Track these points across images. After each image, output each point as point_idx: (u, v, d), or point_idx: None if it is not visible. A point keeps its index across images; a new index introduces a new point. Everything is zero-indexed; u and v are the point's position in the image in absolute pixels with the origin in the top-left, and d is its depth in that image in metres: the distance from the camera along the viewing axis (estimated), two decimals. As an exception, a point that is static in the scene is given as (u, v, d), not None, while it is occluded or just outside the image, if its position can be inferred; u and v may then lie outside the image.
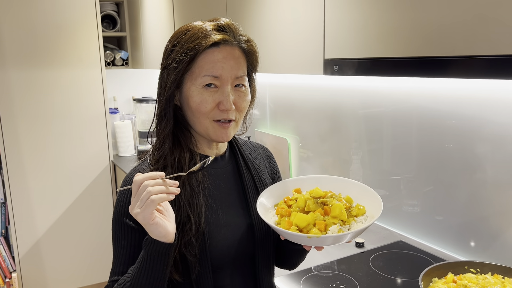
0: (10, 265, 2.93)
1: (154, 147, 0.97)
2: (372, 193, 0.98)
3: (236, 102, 0.92)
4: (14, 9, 2.62)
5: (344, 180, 1.04)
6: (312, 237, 0.84)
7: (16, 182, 2.77)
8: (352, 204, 0.96)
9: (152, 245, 0.81)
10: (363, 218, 0.93)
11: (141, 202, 0.78)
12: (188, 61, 0.89)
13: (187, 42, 0.90)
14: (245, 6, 1.76)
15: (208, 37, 0.89)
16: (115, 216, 0.93)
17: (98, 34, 2.87)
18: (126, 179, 0.95)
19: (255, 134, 2.51)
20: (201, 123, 0.93)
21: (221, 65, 0.90)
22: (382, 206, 0.92)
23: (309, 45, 1.40)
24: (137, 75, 3.46)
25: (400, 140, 1.62)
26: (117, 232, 0.92)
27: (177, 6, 2.44)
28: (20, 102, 2.72)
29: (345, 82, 1.84)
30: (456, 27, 0.92)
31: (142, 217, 0.78)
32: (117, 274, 0.90)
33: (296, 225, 0.88)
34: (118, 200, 0.93)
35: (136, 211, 0.79)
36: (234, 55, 0.92)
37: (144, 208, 0.78)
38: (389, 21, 1.08)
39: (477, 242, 1.40)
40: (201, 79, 0.90)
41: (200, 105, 0.90)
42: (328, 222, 0.89)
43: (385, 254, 1.50)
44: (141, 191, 0.78)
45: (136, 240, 0.90)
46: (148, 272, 0.82)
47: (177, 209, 0.90)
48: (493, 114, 1.30)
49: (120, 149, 3.20)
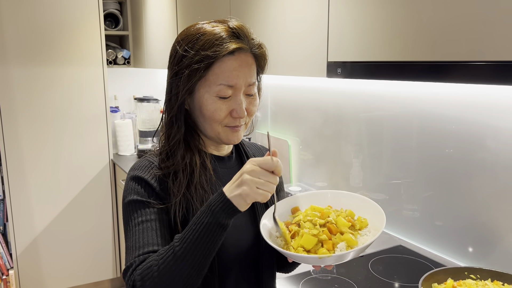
0: (7, 262, 2.92)
1: (162, 150, 0.96)
2: (372, 204, 0.96)
3: (247, 108, 0.93)
4: (17, 6, 2.62)
5: (343, 194, 1.02)
6: (323, 257, 0.82)
7: (16, 179, 2.76)
8: (354, 218, 0.95)
9: (221, 204, 0.79)
10: (367, 231, 0.91)
11: (262, 185, 0.78)
12: (203, 69, 0.88)
13: (202, 49, 0.88)
14: (249, 6, 1.76)
15: (225, 44, 0.88)
16: (126, 200, 0.91)
17: (101, 33, 2.87)
18: (136, 167, 0.94)
19: (255, 136, 2.51)
20: (213, 129, 0.93)
21: (236, 74, 0.89)
22: (384, 217, 0.91)
23: (313, 47, 1.40)
24: (139, 74, 3.46)
25: (401, 144, 1.61)
26: (131, 213, 0.89)
27: (180, 5, 2.44)
28: (21, 99, 2.71)
29: (347, 84, 1.84)
30: (461, 32, 0.92)
31: (248, 190, 0.77)
32: (140, 248, 0.85)
33: (303, 247, 0.87)
34: (127, 185, 0.93)
35: (250, 180, 0.77)
36: (248, 62, 0.92)
37: (257, 192, 0.77)
38: (393, 24, 1.08)
39: (477, 248, 1.40)
40: (217, 87, 0.89)
41: (214, 113, 0.91)
42: (334, 240, 0.88)
43: (385, 259, 1.50)
44: (270, 179, 0.79)
45: (151, 214, 0.88)
46: (210, 235, 0.79)
47: (187, 210, 0.90)
48: (494, 119, 1.30)
49: (120, 148, 3.19)
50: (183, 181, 0.91)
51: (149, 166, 0.94)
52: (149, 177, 0.92)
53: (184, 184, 0.91)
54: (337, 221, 0.91)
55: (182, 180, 0.91)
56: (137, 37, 3.21)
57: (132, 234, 0.87)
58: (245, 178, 0.78)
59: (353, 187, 1.86)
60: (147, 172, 0.93)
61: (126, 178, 0.95)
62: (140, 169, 0.93)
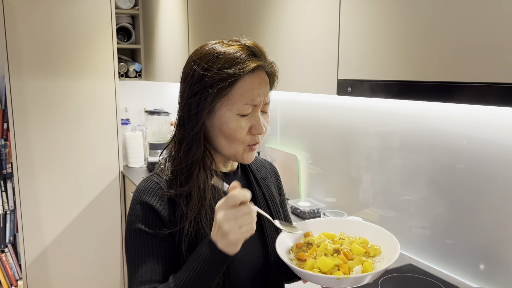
0: (16, 273, 2.94)
1: (175, 169, 0.95)
2: (387, 234, 0.99)
3: (263, 125, 0.94)
4: (32, 21, 2.67)
5: (358, 223, 1.07)
6: (341, 278, 0.83)
7: (27, 190, 2.79)
8: (368, 245, 0.97)
9: (215, 255, 0.81)
10: (381, 258, 0.93)
11: (241, 222, 0.79)
12: (227, 87, 0.88)
13: (224, 68, 0.88)
14: (260, 23, 1.78)
15: (246, 62, 0.89)
16: (131, 226, 0.91)
17: (113, 46, 2.92)
18: (142, 189, 0.93)
19: (265, 150, 2.51)
20: (233, 148, 0.93)
21: (258, 92, 0.91)
22: (398, 247, 0.93)
23: (323, 65, 1.41)
24: (150, 87, 3.50)
25: (411, 160, 1.60)
26: (134, 242, 0.90)
27: (192, 20, 2.47)
28: (34, 111, 2.75)
29: (357, 100, 1.84)
30: (473, 53, 0.92)
31: (234, 237, 0.79)
32: (144, 284, 0.87)
33: (319, 269, 0.88)
34: (133, 209, 0.92)
35: (230, 228, 0.79)
36: (266, 80, 0.94)
37: (242, 232, 0.79)
38: (404, 44, 1.09)
39: (489, 268, 1.37)
40: (241, 106, 0.90)
41: (236, 132, 0.91)
42: (350, 265, 0.89)
43: (394, 278, 1.48)
44: (245, 212, 0.80)
45: (155, 247, 0.89)
46: (204, 278, 0.82)
47: (195, 234, 0.90)
48: (506, 137, 1.29)
49: (130, 160, 3.22)
50: (196, 203, 0.91)
51: (156, 188, 0.93)
52: (156, 203, 0.91)
53: (196, 207, 0.90)
54: (351, 248, 0.93)
55: (195, 202, 0.91)
56: (149, 51, 3.25)
57: (137, 264, 0.89)
58: (225, 228, 0.79)
59: (363, 203, 1.85)
60: (154, 195, 0.92)
61: (132, 198, 0.94)
62: (147, 192, 0.92)
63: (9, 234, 2.92)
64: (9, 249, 2.92)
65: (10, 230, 2.93)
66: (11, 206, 2.88)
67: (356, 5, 1.24)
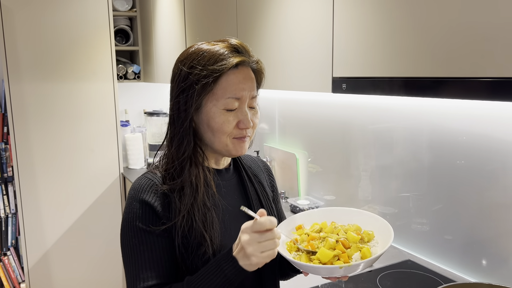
0: (19, 276, 2.95)
1: (169, 166, 0.97)
2: (376, 218, 1.00)
3: (252, 120, 0.96)
4: (30, 24, 2.68)
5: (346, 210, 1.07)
6: (343, 267, 0.85)
7: (27, 193, 2.80)
8: (361, 231, 0.98)
9: (235, 271, 0.84)
10: (375, 242, 0.95)
11: (264, 247, 0.82)
12: (211, 83, 0.91)
13: (208, 64, 0.91)
14: (255, 24, 1.79)
15: (229, 58, 0.92)
16: (128, 223, 0.93)
17: (111, 48, 2.93)
18: (137, 187, 0.95)
19: (263, 149, 2.52)
20: (221, 141, 0.95)
21: (242, 86, 0.93)
22: (391, 228, 0.94)
23: (318, 63, 1.41)
24: (149, 88, 3.51)
25: (410, 156, 1.61)
26: (132, 240, 0.92)
27: (189, 22, 2.48)
28: (33, 114, 2.77)
29: (354, 97, 1.84)
30: (464, 49, 0.92)
31: (256, 260, 0.82)
32: (146, 280, 0.89)
33: (318, 260, 0.89)
34: (129, 207, 0.94)
35: (252, 251, 0.81)
36: (250, 76, 0.96)
37: (264, 256, 0.82)
38: (396, 41, 1.09)
39: (488, 263, 1.38)
40: (225, 101, 0.92)
41: (223, 126, 0.93)
42: (349, 253, 0.91)
43: (393, 274, 1.48)
44: (269, 238, 0.82)
45: (153, 243, 0.91)
46: None
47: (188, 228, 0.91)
48: (506, 133, 1.29)
49: (130, 162, 3.23)
50: (189, 197, 0.92)
51: (151, 184, 0.95)
52: (152, 199, 0.92)
53: (189, 201, 0.92)
54: (347, 236, 0.94)
55: (188, 196, 0.92)
56: (147, 52, 3.26)
57: (134, 261, 0.90)
58: (248, 251, 0.81)
59: (362, 200, 1.85)
60: (148, 192, 0.93)
61: (128, 196, 0.96)
62: (143, 190, 0.94)
63: (11, 237, 2.94)
64: (12, 252, 2.93)
65: (12, 233, 2.94)
66: (12, 209, 2.90)
67: (349, 4, 1.25)
